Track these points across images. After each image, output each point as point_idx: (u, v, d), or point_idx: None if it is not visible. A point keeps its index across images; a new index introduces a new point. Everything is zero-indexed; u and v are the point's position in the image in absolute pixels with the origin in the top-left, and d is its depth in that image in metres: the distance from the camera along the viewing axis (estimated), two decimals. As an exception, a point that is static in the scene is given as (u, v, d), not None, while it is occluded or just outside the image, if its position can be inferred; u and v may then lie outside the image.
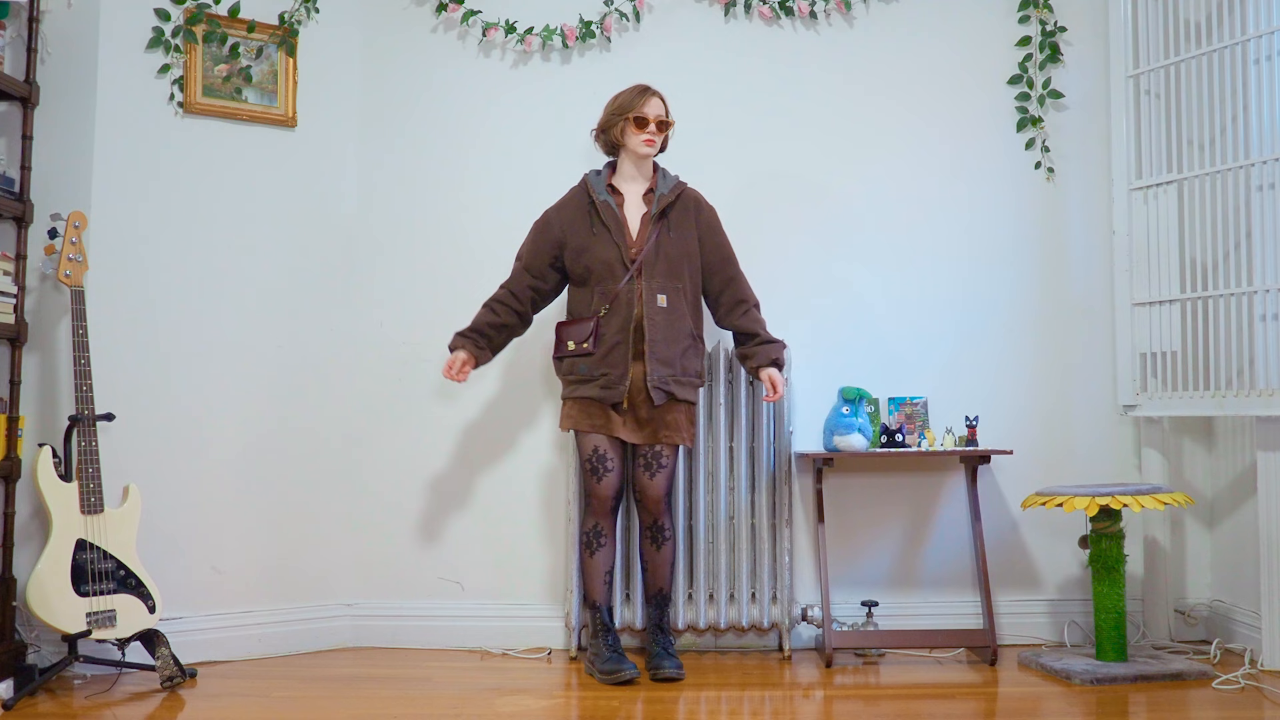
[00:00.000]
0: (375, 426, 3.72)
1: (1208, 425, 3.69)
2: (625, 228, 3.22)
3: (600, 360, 3.16)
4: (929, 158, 3.76)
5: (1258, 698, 2.89)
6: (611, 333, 3.15)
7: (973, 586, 3.63)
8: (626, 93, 3.27)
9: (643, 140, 3.23)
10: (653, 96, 3.25)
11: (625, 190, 3.29)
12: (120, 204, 3.39)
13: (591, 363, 3.17)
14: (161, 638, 3.10)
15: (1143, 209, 3.59)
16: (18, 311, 3.21)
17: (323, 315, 3.69)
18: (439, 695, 2.99)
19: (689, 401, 3.23)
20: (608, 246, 3.20)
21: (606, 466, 3.19)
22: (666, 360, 3.17)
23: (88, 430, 3.09)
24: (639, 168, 3.30)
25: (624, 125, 3.23)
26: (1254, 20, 3.28)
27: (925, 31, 3.78)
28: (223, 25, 3.53)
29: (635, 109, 3.22)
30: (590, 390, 3.16)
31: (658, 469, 3.21)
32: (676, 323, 3.19)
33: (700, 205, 3.33)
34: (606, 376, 3.15)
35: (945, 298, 3.73)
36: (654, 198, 3.27)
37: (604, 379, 3.15)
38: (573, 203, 3.29)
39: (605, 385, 3.14)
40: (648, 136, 3.23)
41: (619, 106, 3.25)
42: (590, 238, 3.22)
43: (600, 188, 3.26)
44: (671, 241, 3.23)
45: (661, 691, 3.03)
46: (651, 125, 3.23)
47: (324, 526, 3.66)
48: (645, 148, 3.24)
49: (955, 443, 3.50)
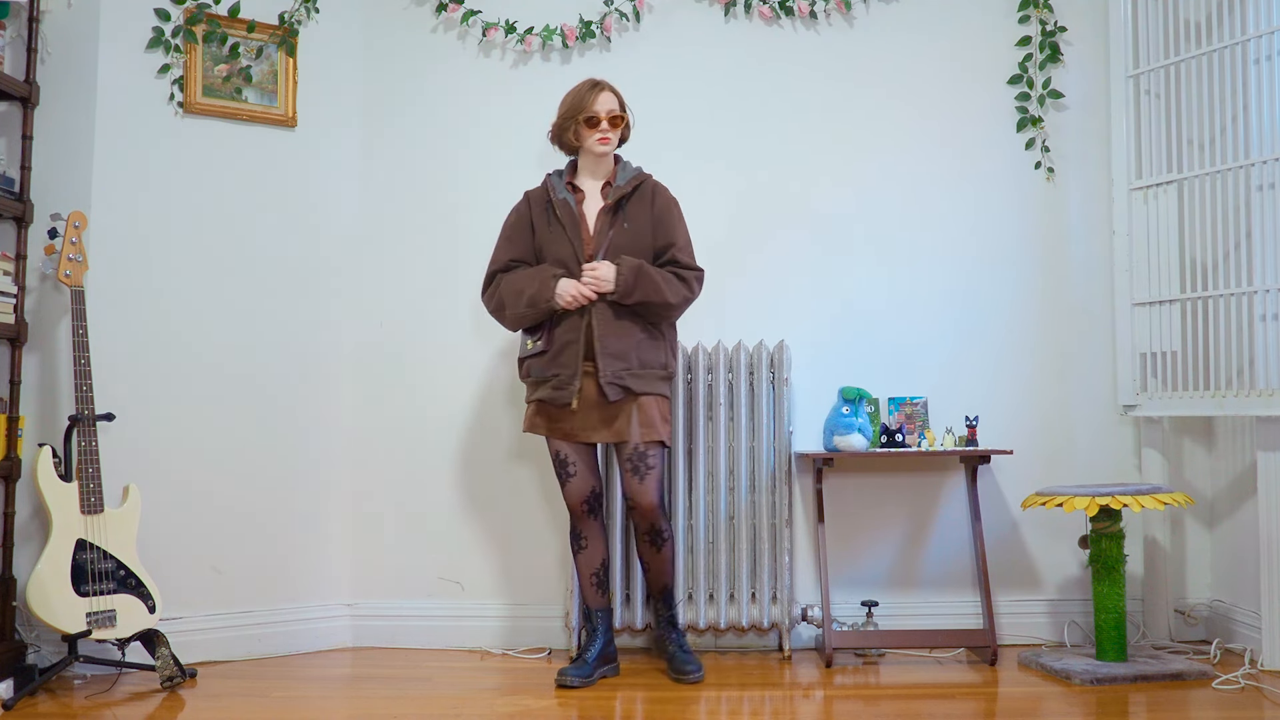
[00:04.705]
0: (375, 426, 3.72)
1: (1208, 425, 3.69)
2: (582, 225, 3.16)
3: (551, 361, 3.09)
4: (929, 158, 3.75)
5: (1258, 698, 2.89)
6: (563, 332, 3.08)
7: (973, 586, 3.63)
8: (576, 92, 3.18)
9: (597, 139, 3.14)
10: (603, 91, 3.16)
11: (585, 187, 3.22)
12: (120, 204, 3.39)
13: (543, 363, 3.11)
14: (161, 638, 3.10)
15: (1143, 209, 3.59)
16: (18, 311, 3.21)
17: (323, 315, 3.69)
18: (439, 695, 2.99)
19: (656, 394, 3.11)
20: (563, 244, 3.13)
21: (569, 471, 3.14)
22: (619, 354, 3.04)
23: (88, 430, 3.09)
24: (598, 164, 3.22)
25: (576, 127, 3.16)
26: (1254, 20, 3.28)
27: (925, 31, 3.78)
28: (223, 25, 3.53)
29: (585, 109, 3.13)
30: (544, 392, 3.10)
31: (646, 471, 3.09)
32: (628, 315, 3.08)
33: (657, 193, 3.21)
34: (558, 377, 3.07)
35: (945, 298, 3.73)
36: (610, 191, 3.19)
37: (555, 380, 3.07)
38: (536, 202, 3.22)
39: (556, 386, 3.07)
40: (601, 135, 3.14)
41: (569, 108, 3.16)
42: (548, 235, 3.16)
43: (560, 186, 3.19)
44: (626, 234, 3.13)
45: (662, 691, 3.03)
46: (604, 123, 3.15)
47: (324, 526, 3.66)
48: (601, 146, 3.16)
49: (955, 443, 3.50)
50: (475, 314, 3.71)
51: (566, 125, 3.17)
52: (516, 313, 3.12)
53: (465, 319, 3.72)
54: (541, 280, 3.07)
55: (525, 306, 3.09)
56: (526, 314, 3.10)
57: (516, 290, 3.11)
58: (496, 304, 3.18)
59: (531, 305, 3.08)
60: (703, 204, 3.70)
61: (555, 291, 3.05)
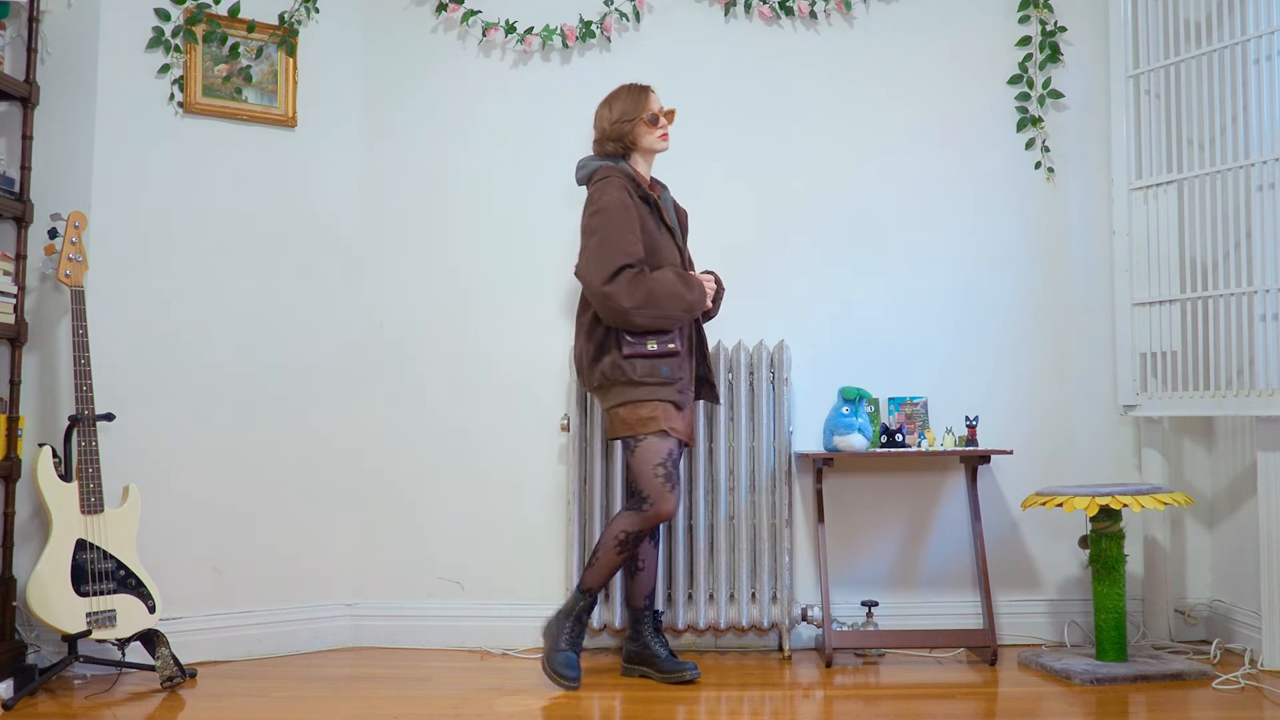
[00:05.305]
0: (375, 426, 3.72)
1: (1208, 425, 3.69)
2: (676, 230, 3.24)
3: (680, 364, 3.12)
4: (929, 158, 3.76)
5: (1258, 698, 2.89)
6: (684, 338, 3.16)
7: (973, 586, 3.63)
8: (627, 92, 3.20)
9: (659, 136, 3.20)
10: (652, 92, 3.22)
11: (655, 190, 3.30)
12: (120, 204, 3.39)
13: (674, 364, 3.11)
14: (161, 638, 3.10)
15: (1143, 209, 3.59)
16: (18, 311, 3.21)
17: (323, 315, 3.70)
18: (439, 695, 2.99)
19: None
20: (672, 249, 3.18)
21: (679, 474, 3.10)
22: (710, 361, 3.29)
23: (88, 430, 3.09)
24: (650, 165, 3.26)
25: (637, 126, 3.17)
26: (1254, 20, 3.28)
27: (925, 31, 3.78)
28: (223, 25, 3.53)
29: (647, 107, 3.18)
30: (669, 394, 3.08)
31: None
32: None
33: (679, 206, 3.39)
34: (682, 380, 3.12)
35: (945, 298, 3.73)
36: (662, 200, 3.26)
37: (680, 383, 3.11)
38: (636, 197, 3.12)
39: (681, 390, 3.11)
40: (663, 131, 3.20)
41: (625, 110, 3.17)
42: (659, 237, 3.15)
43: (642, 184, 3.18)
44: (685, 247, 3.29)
45: (661, 691, 3.03)
46: (662, 120, 3.20)
47: (324, 526, 3.66)
48: (663, 143, 3.21)
49: (955, 443, 3.50)
50: (475, 314, 3.71)
51: (625, 128, 3.17)
52: (669, 314, 3.05)
53: (465, 318, 3.72)
54: (701, 289, 3.12)
55: (683, 311, 3.08)
56: (680, 318, 3.09)
57: (674, 293, 3.05)
58: (641, 300, 3.00)
59: (689, 311, 3.09)
60: (703, 204, 3.70)
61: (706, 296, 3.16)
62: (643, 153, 3.22)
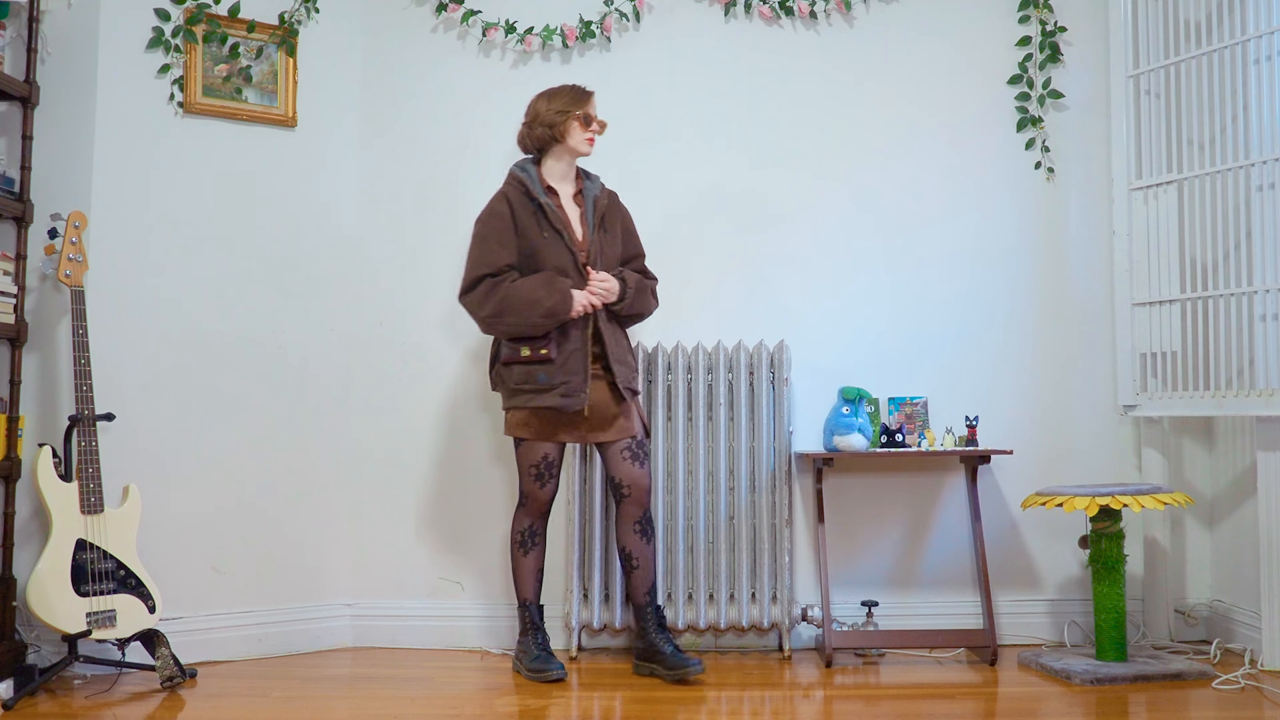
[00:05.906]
0: (375, 426, 3.72)
1: (1208, 425, 3.69)
2: (570, 230, 3.18)
3: (559, 367, 3.11)
4: (929, 158, 3.76)
5: (1258, 698, 2.89)
6: (570, 340, 3.12)
7: (973, 586, 3.63)
8: (569, 90, 3.23)
9: (586, 139, 3.21)
10: (594, 98, 3.25)
11: (559, 189, 3.26)
12: (120, 204, 3.39)
13: (551, 370, 3.10)
14: (161, 638, 3.10)
15: (1143, 209, 3.59)
16: (18, 311, 3.21)
17: (322, 315, 3.70)
18: (439, 695, 2.99)
19: (637, 391, 3.26)
20: (559, 251, 3.14)
21: (553, 473, 3.20)
22: (622, 360, 3.20)
23: (88, 430, 3.09)
24: (571, 166, 3.27)
25: (570, 122, 3.19)
26: (1254, 20, 3.28)
27: (925, 31, 3.78)
28: (223, 25, 3.53)
29: (584, 106, 3.20)
30: (550, 399, 3.09)
31: (644, 458, 3.21)
32: (617, 322, 3.24)
33: (619, 205, 3.35)
34: (567, 384, 3.09)
35: (945, 298, 3.73)
36: (584, 199, 3.25)
37: (564, 387, 3.09)
38: (519, 203, 3.17)
39: (565, 394, 3.09)
40: (591, 135, 3.22)
41: (564, 103, 3.19)
42: (540, 240, 3.15)
43: (537, 187, 3.19)
44: (607, 243, 3.24)
45: (661, 691, 3.03)
46: (595, 124, 3.22)
47: (323, 526, 3.66)
48: (588, 146, 3.22)
49: (955, 443, 3.50)
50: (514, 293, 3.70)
51: (558, 119, 3.19)
52: (527, 322, 3.07)
53: (464, 318, 3.72)
54: (561, 292, 3.07)
55: (542, 317, 3.06)
56: (541, 324, 3.07)
57: (530, 300, 3.06)
58: (494, 310, 3.09)
59: (550, 316, 3.06)
60: (702, 203, 3.70)
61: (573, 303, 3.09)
62: (566, 150, 3.23)
